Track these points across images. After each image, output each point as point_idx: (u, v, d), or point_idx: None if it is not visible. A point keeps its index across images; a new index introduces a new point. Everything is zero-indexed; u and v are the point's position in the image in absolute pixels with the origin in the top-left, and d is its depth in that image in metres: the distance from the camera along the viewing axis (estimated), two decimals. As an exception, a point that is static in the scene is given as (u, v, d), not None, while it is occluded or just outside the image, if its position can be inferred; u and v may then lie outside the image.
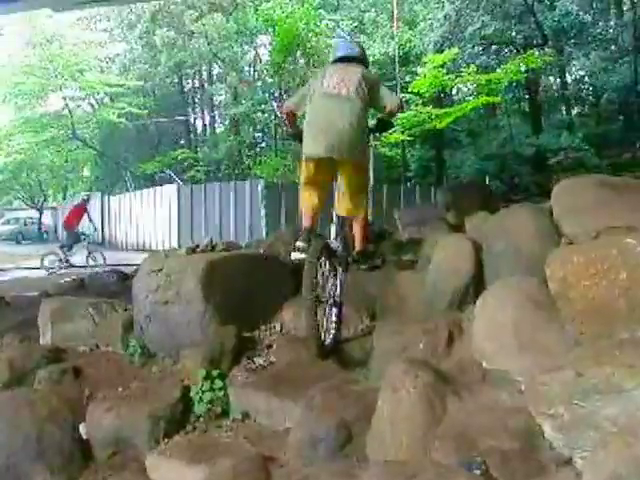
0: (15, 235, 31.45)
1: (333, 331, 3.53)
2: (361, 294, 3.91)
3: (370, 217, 4.66)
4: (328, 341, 3.45)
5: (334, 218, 4.00)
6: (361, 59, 4.10)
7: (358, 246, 4.09)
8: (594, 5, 21.41)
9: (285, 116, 4.28)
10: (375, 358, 3.05)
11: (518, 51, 21.14)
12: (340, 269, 3.68)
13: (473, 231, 3.69)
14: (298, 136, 3.98)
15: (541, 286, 2.57)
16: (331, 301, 3.52)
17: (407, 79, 20.73)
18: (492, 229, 3.20)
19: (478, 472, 1.84)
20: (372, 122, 4.18)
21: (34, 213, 34.51)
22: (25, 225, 33.55)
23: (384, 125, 4.16)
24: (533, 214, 3.01)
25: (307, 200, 3.93)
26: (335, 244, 3.81)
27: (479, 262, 3.14)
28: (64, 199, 34.92)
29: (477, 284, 3.08)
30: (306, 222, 3.92)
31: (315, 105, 3.79)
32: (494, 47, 22.76)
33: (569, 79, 25.62)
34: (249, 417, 3.05)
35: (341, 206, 3.97)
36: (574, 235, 2.65)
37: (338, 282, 3.61)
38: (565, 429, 1.87)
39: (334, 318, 3.55)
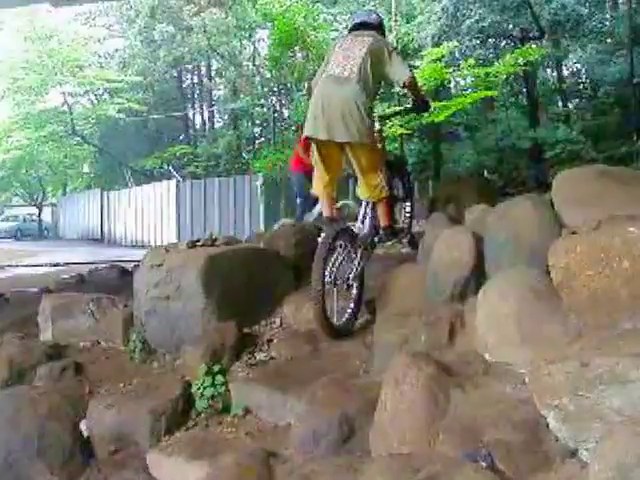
0: (14, 232, 31.43)
1: (349, 312, 3.56)
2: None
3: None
4: (341, 322, 3.50)
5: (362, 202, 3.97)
6: (376, 26, 4.01)
7: (382, 223, 4.00)
8: (589, -3, 21.30)
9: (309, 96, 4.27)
10: (376, 352, 3.03)
11: (515, 44, 21.05)
12: (359, 252, 3.65)
13: (473, 223, 3.67)
14: None
15: (543, 277, 2.56)
16: (346, 283, 3.52)
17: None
18: (493, 221, 3.18)
19: (484, 464, 1.83)
20: (408, 105, 4.30)
21: (33, 210, 34.45)
22: (24, 222, 33.55)
23: (419, 106, 4.20)
24: (534, 205, 2.98)
25: (317, 184, 3.91)
26: (359, 227, 3.80)
27: (480, 254, 3.11)
28: (64, 195, 34.83)
29: (478, 276, 3.06)
30: (325, 211, 3.92)
31: (318, 87, 3.75)
32: (491, 40, 22.68)
33: (566, 72, 25.51)
34: (250, 412, 3.04)
35: (359, 190, 3.94)
36: (575, 225, 2.64)
37: (355, 265, 3.59)
38: (570, 420, 1.86)
39: (351, 300, 3.58)
